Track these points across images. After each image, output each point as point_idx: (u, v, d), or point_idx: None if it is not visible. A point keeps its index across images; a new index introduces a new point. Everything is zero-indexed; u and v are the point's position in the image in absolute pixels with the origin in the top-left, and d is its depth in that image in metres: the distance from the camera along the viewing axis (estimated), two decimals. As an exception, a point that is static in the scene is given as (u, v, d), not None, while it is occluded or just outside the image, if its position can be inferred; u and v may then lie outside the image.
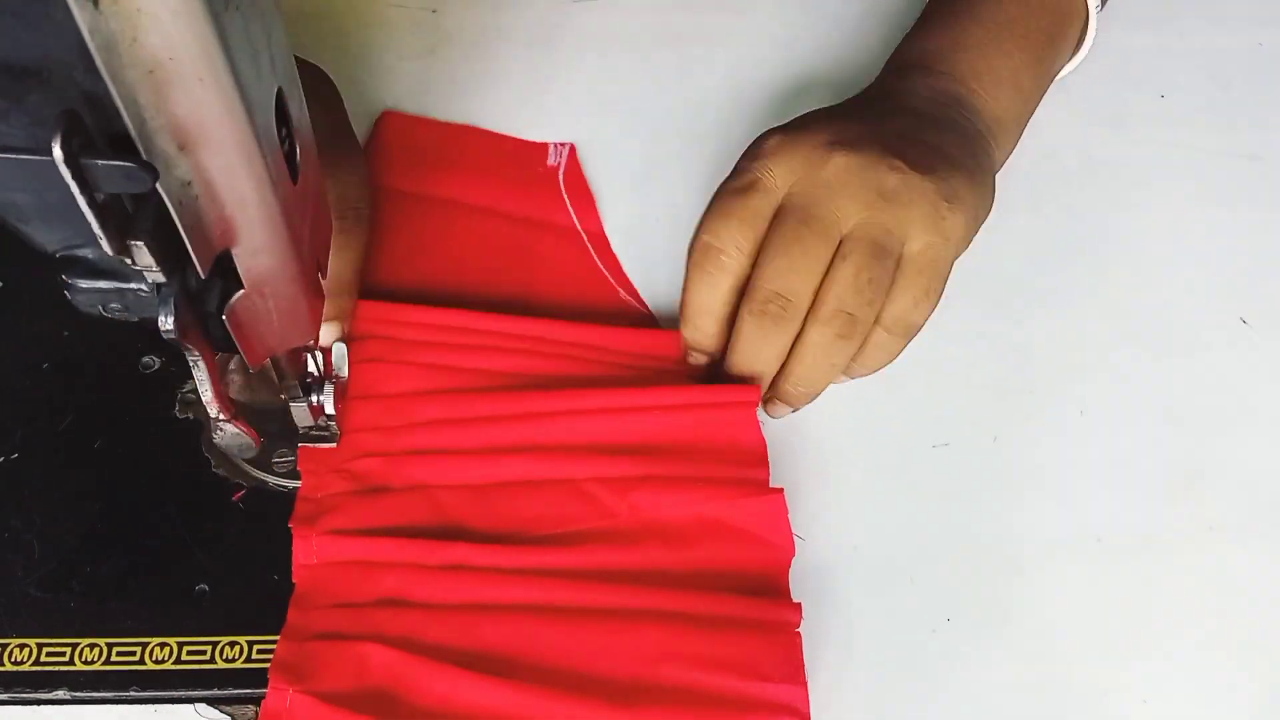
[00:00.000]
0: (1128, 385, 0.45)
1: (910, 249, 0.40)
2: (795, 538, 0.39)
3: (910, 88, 0.45)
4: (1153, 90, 0.55)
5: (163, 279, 0.27)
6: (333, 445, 0.40)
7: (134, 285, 0.28)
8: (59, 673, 0.36)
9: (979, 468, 0.43)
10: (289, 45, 0.29)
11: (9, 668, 0.36)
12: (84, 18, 0.21)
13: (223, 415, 0.33)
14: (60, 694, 0.35)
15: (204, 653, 0.36)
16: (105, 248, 0.25)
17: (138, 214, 0.25)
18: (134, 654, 0.36)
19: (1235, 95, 0.55)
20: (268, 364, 0.36)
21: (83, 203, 0.23)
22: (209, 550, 0.38)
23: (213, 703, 0.36)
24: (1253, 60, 0.56)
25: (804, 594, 0.38)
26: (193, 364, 0.30)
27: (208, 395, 0.32)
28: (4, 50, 0.22)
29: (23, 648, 0.36)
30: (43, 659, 0.36)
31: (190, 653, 0.36)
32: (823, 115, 0.44)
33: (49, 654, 0.36)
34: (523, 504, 0.39)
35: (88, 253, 0.28)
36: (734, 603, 0.37)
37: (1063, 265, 0.48)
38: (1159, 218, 0.50)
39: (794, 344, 0.40)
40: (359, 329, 0.42)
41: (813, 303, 0.40)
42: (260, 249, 0.29)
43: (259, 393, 0.40)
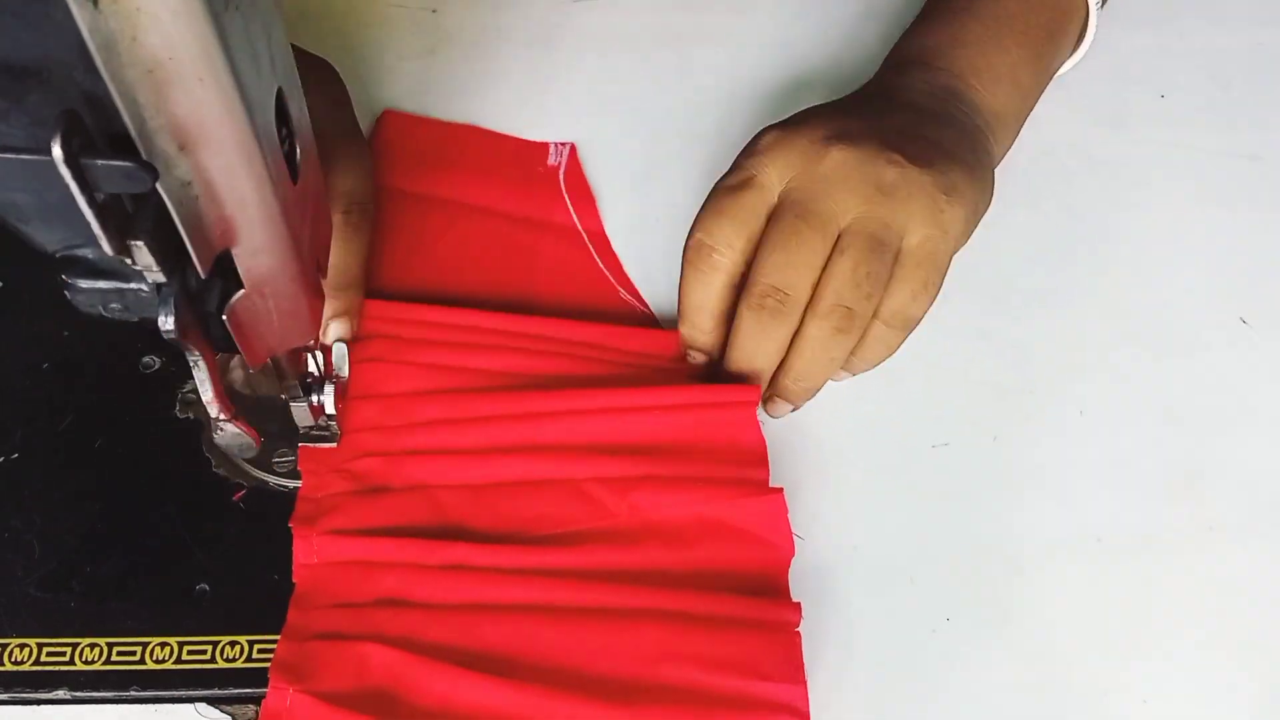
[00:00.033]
0: (1128, 385, 0.45)
1: (909, 242, 0.40)
2: (795, 538, 0.39)
3: (909, 83, 0.45)
4: (1153, 90, 0.55)
5: (163, 279, 0.27)
6: (333, 445, 0.40)
7: (134, 285, 0.28)
8: (59, 673, 0.36)
9: (979, 468, 0.43)
10: (289, 45, 0.29)
11: (9, 668, 0.36)
12: (84, 17, 0.21)
13: (223, 415, 0.33)
14: (60, 694, 0.35)
15: (204, 652, 0.36)
16: (105, 248, 0.25)
17: (138, 214, 0.25)
18: (134, 654, 0.36)
19: (1235, 95, 0.55)
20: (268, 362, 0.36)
21: (83, 203, 0.23)
22: (209, 550, 0.38)
23: (213, 702, 0.36)
24: (1253, 60, 0.56)
25: (804, 594, 0.38)
26: (193, 364, 0.30)
27: (208, 395, 0.32)
28: (4, 50, 0.22)
29: (23, 648, 0.36)
30: (43, 659, 0.36)
31: (190, 653, 0.36)
32: (821, 111, 0.44)
33: (49, 654, 0.36)
34: (523, 504, 0.39)
35: (88, 253, 0.28)
36: (734, 602, 0.37)
37: (1063, 265, 0.48)
38: (1159, 218, 0.50)
39: (793, 339, 0.40)
40: (362, 328, 0.42)
41: (811, 297, 0.40)
42: (260, 249, 0.29)
43: (260, 387, 0.40)
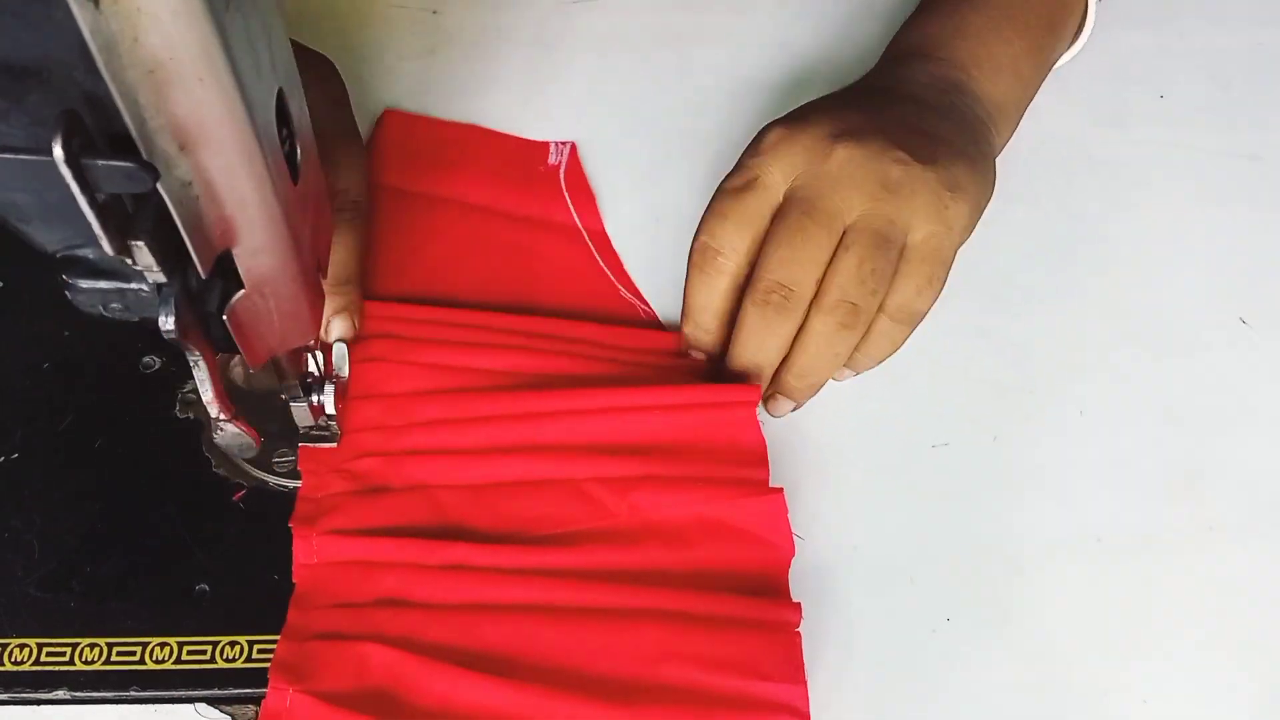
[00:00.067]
0: (1128, 385, 0.45)
1: (913, 238, 0.40)
2: (795, 538, 0.39)
3: (910, 75, 0.45)
4: (1153, 90, 0.55)
5: (163, 279, 0.27)
6: (333, 445, 0.40)
7: (134, 285, 0.28)
8: (59, 673, 0.36)
9: (979, 467, 0.43)
10: (289, 45, 0.29)
11: (9, 668, 0.36)
12: (84, 18, 0.21)
13: (223, 415, 0.33)
14: (60, 694, 0.35)
15: (204, 653, 0.36)
16: (105, 248, 0.24)
17: (138, 214, 0.25)
18: (134, 654, 0.36)
19: (1235, 95, 0.55)
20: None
21: (83, 203, 0.23)
22: (209, 550, 0.38)
23: (213, 703, 0.36)
24: (1253, 60, 0.56)
25: (804, 594, 0.38)
26: (193, 364, 0.30)
27: (208, 395, 0.32)
28: (4, 50, 0.22)
29: (23, 648, 0.36)
30: (43, 659, 0.36)
31: (190, 653, 0.36)
32: (824, 106, 0.44)
33: (49, 654, 0.36)
34: (523, 504, 0.39)
35: (88, 253, 0.28)
36: (734, 602, 0.37)
37: (1063, 265, 0.48)
38: (1159, 218, 0.50)
39: (797, 335, 0.40)
40: (362, 327, 0.42)
41: (816, 294, 0.40)
42: (261, 249, 0.29)
43: (260, 380, 0.40)
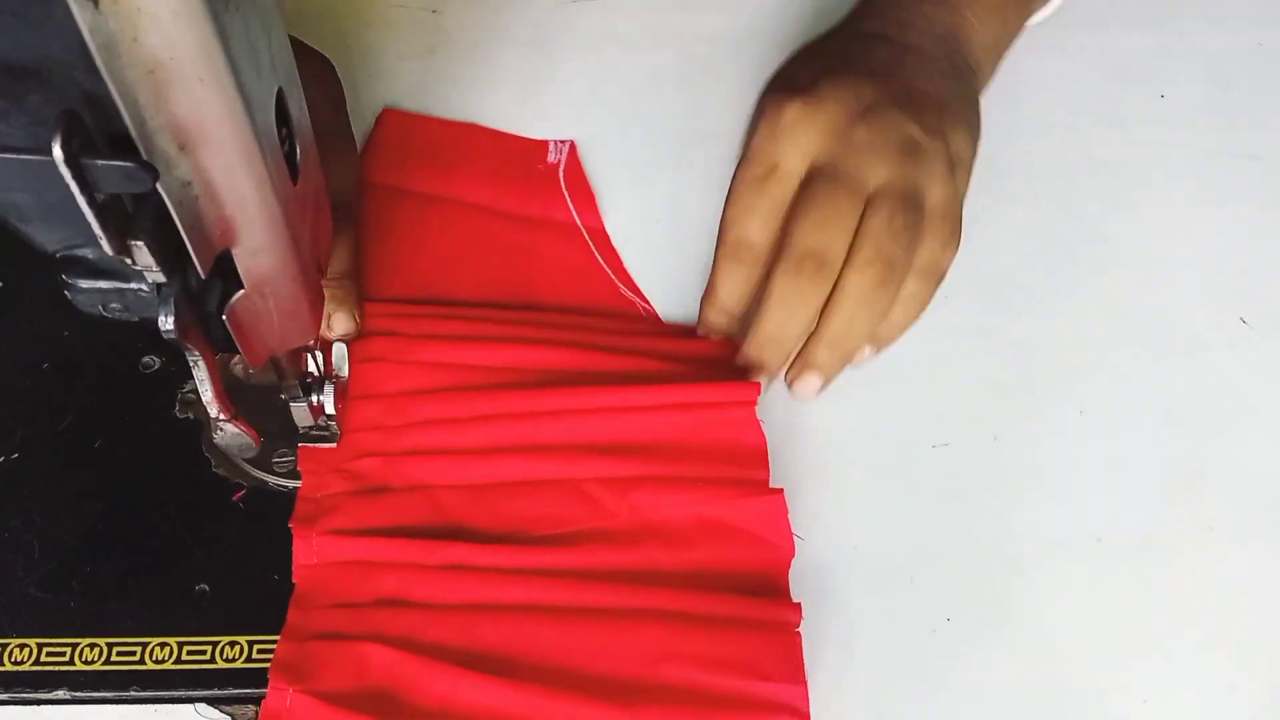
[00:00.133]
0: (1128, 385, 0.45)
1: (931, 200, 0.41)
2: (795, 538, 0.39)
3: (908, 19, 0.46)
4: (1153, 90, 0.55)
5: (163, 279, 0.27)
6: (333, 445, 0.40)
7: (134, 285, 0.28)
8: (59, 673, 0.36)
9: (979, 468, 0.43)
10: (289, 45, 0.29)
11: (9, 668, 0.36)
12: (84, 18, 0.21)
13: (223, 415, 0.33)
14: (60, 694, 0.35)
15: (204, 653, 0.36)
16: (105, 248, 0.25)
17: (138, 214, 0.25)
18: (134, 654, 0.36)
19: (1235, 95, 0.55)
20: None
21: (83, 203, 0.23)
22: (209, 550, 0.38)
23: (213, 703, 0.36)
24: (1253, 60, 0.56)
25: (804, 594, 0.38)
26: (193, 364, 0.30)
27: (208, 395, 0.32)
28: (4, 50, 0.22)
29: (23, 648, 0.36)
30: (43, 659, 0.36)
31: (190, 653, 0.36)
32: (835, 76, 0.43)
33: (49, 654, 0.36)
34: (523, 504, 0.39)
35: (88, 253, 0.28)
36: (734, 603, 0.37)
37: (1063, 265, 0.48)
38: (1159, 218, 0.50)
39: (828, 303, 0.40)
40: (364, 324, 0.42)
41: (846, 258, 0.39)
42: (260, 249, 0.29)
43: (260, 377, 0.40)
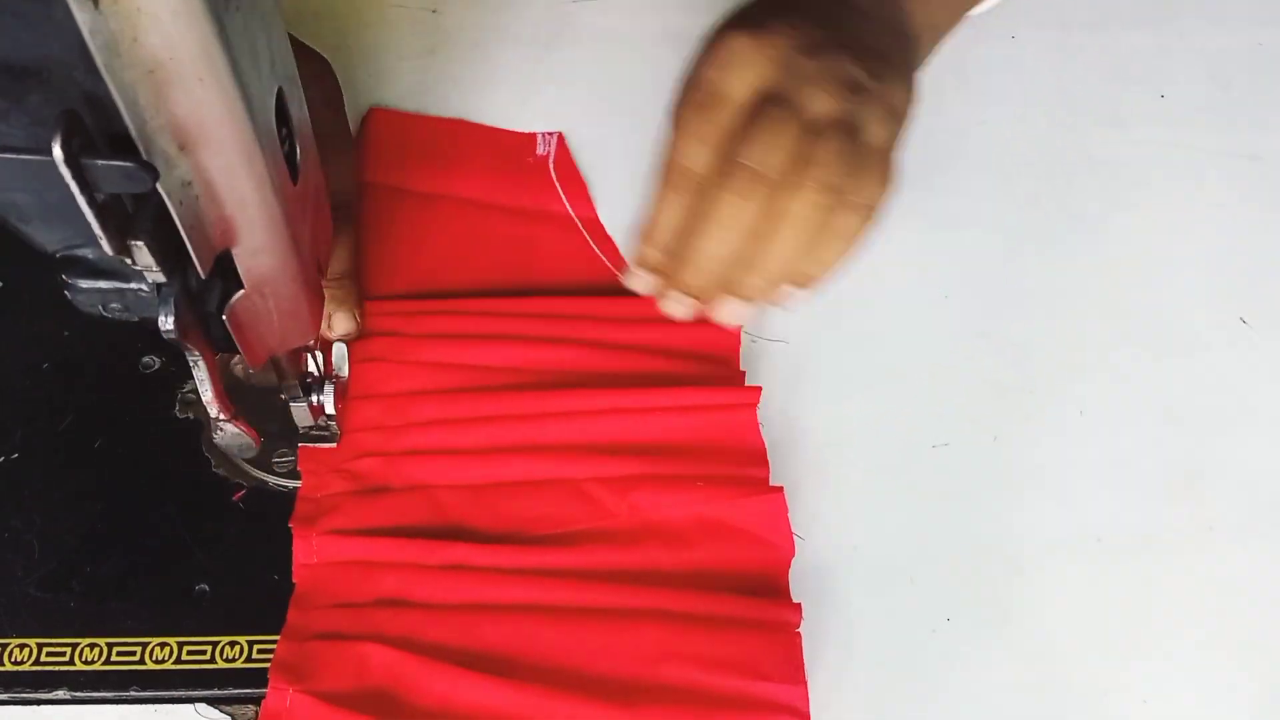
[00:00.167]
0: (1128, 385, 0.45)
1: (871, 139, 0.39)
2: (795, 537, 0.39)
3: None
4: (1153, 90, 0.55)
5: (163, 279, 0.27)
6: (333, 445, 0.40)
7: (134, 285, 0.28)
8: (59, 673, 0.36)
9: (979, 468, 0.43)
10: (289, 45, 0.29)
11: (9, 668, 0.36)
12: (84, 18, 0.21)
13: (223, 415, 0.33)
14: (60, 694, 0.35)
15: (204, 653, 0.36)
16: (105, 248, 0.24)
17: (138, 214, 0.25)
18: (134, 654, 0.36)
19: (1235, 95, 0.55)
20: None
21: (83, 203, 0.23)
22: (209, 550, 0.38)
23: (213, 703, 0.36)
24: (1253, 60, 0.56)
25: (804, 594, 0.38)
26: (193, 364, 0.30)
27: (208, 395, 0.32)
28: (4, 50, 0.22)
29: (23, 648, 0.36)
30: (43, 659, 0.36)
31: (190, 653, 0.36)
32: (781, 15, 0.41)
33: (49, 654, 0.36)
34: (523, 504, 0.39)
35: (88, 253, 0.28)
36: (734, 603, 0.37)
37: (1063, 265, 0.48)
38: (1159, 218, 0.50)
39: (768, 224, 0.38)
40: (365, 323, 0.43)
41: (789, 182, 0.38)
42: (260, 249, 0.29)
43: (260, 377, 0.40)
